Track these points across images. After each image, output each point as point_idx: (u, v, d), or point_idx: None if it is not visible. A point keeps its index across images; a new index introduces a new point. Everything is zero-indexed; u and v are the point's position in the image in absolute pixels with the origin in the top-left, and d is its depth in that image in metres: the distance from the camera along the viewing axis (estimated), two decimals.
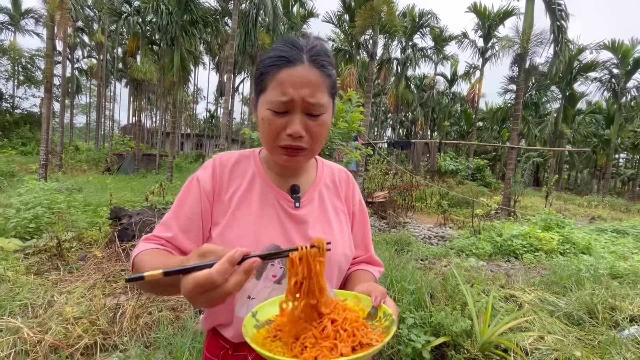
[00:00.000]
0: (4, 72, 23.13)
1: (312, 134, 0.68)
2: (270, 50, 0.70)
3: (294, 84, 0.64)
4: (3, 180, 9.02)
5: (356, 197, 0.89)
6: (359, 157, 4.43)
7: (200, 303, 0.47)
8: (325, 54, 0.69)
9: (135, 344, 2.30)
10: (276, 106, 0.65)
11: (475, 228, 6.46)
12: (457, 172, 18.14)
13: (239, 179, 0.78)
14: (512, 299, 3.39)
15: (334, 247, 0.76)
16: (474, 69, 21.90)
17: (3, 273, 2.99)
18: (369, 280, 0.81)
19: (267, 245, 0.71)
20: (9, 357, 2.09)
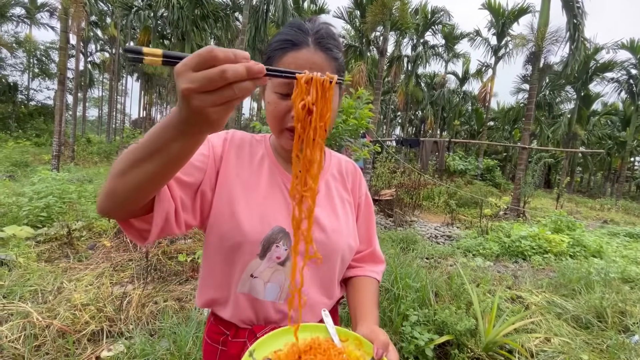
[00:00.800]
0: (20, 64, 23.61)
1: None
2: (277, 35, 0.70)
3: (299, 66, 0.64)
4: (17, 169, 9.24)
5: (362, 190, 0.88)
6: (368, 154, 4.39)
7: (190, 82, 0.37)
8: (331, 37, 0.68)
9: (140, 332, 2.33)
10: (281, 88, 0.65)
11: (483, 228, 6.38)
12: (466, 172, 17.92)
13: (248, 159, 0.77)
14: (519, 300, 3.34)
15: (339, 235, 0.76)
16: (486, 67, 21.55)
17: (15, 259, 3.07)
18: (373, 294, 0.81)
19: (273, 227, 0.70)
20: (18, 339, 2.14)
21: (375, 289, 0.83)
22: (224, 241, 0.71)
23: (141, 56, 0.38)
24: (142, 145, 0.48)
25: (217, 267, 0.74)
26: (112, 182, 0.51)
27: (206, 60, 0.37)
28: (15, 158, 10.52)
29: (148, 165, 0.48)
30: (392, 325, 2.39)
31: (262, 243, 0.70)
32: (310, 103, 0.48)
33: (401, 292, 2.54)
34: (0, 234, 3.54)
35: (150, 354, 2.05)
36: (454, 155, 19.33)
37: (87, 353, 2.13)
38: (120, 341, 2.23)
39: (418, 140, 9.26)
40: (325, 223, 0.75)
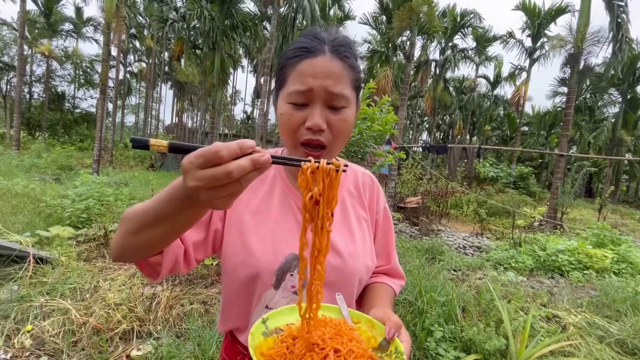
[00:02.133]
0: (67, 75, 25.61)
1: (333, 130, 0.64)
2: (292, 44, 0.69)
3: (315, 74, 0.62)
4: (62, 173, 9.98)
5: (380, 204, 0.84)
6: (393, 161, 4.33)
7: (197, 181, 0.39)
8: (348, 45, 0.66)
9: (167, 333, 2.42)
10: (295, 97, 0.63)
11: (516, 240, 6.06)
12: (497, 179, 17.14)
13: (259, 181, 0.73)
14: (555, 319, 3.13)
15: (356, 258, 0.72)
16: (519, 70, 20.61)
17: (58, 258, 3.29)
18: (388, 295, 0.78)
19: (286, 255, 0.68)
20: (58, 335, 2.29)
21: (390, 293, 0.79)
22: (237, 272, 0.69)
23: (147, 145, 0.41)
24: (150, 211, 0.50)
25: (234, 297, 0.73)
26: (123, 240, 0.55)
27: (212, 160, 0.38)
28: (61, 162, 11.38)
29: (156, 230, 0.51)
30: (416, 341, 2.31)
31: (276, 273, 0.68)
32: (317, 195, 0.48)
33: (425, 306, 2.46)
34: (46, 233, 3.82)
35: (176, 356, 2.11)
36: (485, 161, 18.57)
37: (118, 351, 2.24)
38: (148, 341, 2.32)
39: (446, 146, 8.99)
40: (340, 247, 0.72)
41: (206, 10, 13.12)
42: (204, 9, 13.06)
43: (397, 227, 7.56)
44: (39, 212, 4.61)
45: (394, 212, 8.29)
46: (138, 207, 0.53)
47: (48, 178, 8.53)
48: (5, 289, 2.63)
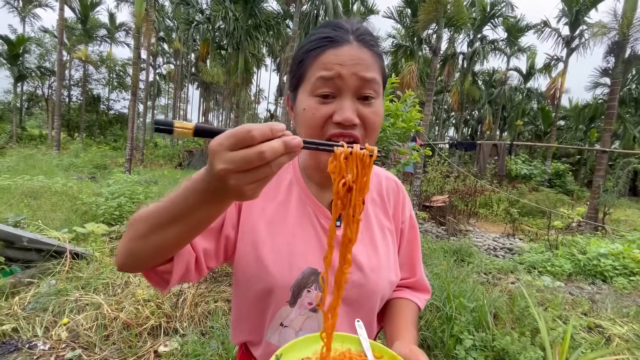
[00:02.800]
0: (102, 79, 27.05)
1: (367, 123, 0.58)
2: (308, 36, 0.62)
3: (342, 62, 0.56)
4: (97, 171, 10.55)
5: (406, 212, 0.77)
6: (418, 158, 4.17)
7: (227, 163, 0.36)
8: (371, 34, 0.61)
9: (192, 331, 2.46)
10: (320, 86, 0.56)
11: (552, 242, 5.70)
12: (530, 177, 16.25)
13: (274, 186, 0.68)
14: (598, 329, 2.89)
15: (379, 274, 0.67)
16: (555, 61, 19.39)
17: (92, 254, 3.45)
18: (412, 314, 0.71)
19: (303, 270, 0.63)
20: (92, 328, 2.39)
21: (414, 311, 0.73)
22: (250, 285, 0.64)
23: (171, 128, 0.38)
24: (164, 210, 0.46)
25: (246, 310, 0.69)
26: (131, 244, 0.51)
27: (244, 140, 0.36)
28: (97, 161, 12.03)
29: (171, 230, 0.47)
30: (444, 348, 2.21)
31: (292, 289, 0.63)
32: (350, 182, 0.46)
33: (454, 312, 2.34)
34: (82, 229, 4.02)
35: (200, 355, 2.14)
36: (517, 158, 17.67)
37: (147, 346, 2.30)
38: (174, 338, 2.37)
39: (474, 143, 8.61)
40: (362, 261, 0.66)
41: (230, 10, 13.35)
42: (228, 10, 13.30)
43: (422, 226, 7.35)
44: (75, 209, 4.87)
45: (419, 212, 8.06)
46: (148, 209, 0.49)
47: (84, 177, 9.04)
48: (44, 283, 2.79)
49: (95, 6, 21.10)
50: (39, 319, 2.39)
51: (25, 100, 25.99)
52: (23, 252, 3.13)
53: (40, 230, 3.74)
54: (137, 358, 2.19)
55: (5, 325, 2.29)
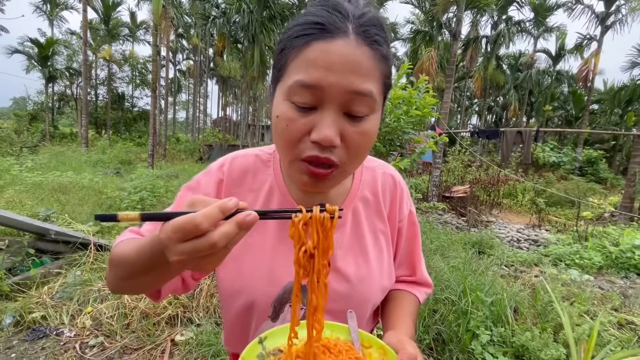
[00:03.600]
0: (126, 77, 27.99)
1: (350, 145, 0.48)
2: (298, 17, 0.49)
3: (329, 64, 0.43)
4: (122, 167, 10.99)
5: (404, 210, 0.71)
6: (434, 147, 4.02)
7: (179, 255, 0.36)
8: (380, 25, 0.48)
9: (207, 321, 2.52)
10: (297, 94, 0.45)
11: (581, 233, 5.40)
12: (559, 165, 15.43)
13: (252, 194, 0.62)
14: (630, 326, 2.72)
15: (369, 283, 0.63)
16: (588, 40, 18.13)
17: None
18: (410, 306, 0.67)
19: (284, 285, 0.59)
20: (113, 317, 2.50)
21: (412, 303, 0.69)
22: (232, 301, 0.62)
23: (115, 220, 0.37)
24: (134, 262, 0.46)
25: (231, 324, 0.67)
26: (115, 283, 0.52)
27: (192, 233, 0.35)
28: (122, 157, 12.54)
29: (145, 279, 0.47)
30: (459, 343, 2.14)
31: (274, 304, 0.60)
32: (311, 248, 0.43)
33: (470, 306, 2.26)
34: (107, 223, 4.19)
35: (214, 344, 2.19)
36: (544, 145, 16.82)
37: (164, 335, 2.38)
38: (190, 328, 2.44)
39: (497, 131, 8.24)
40: (350, 272, 0.61)
41: (244, 3, 13.34)
42: (242, 2, 13.30)
43: (442, 217, 7.17)
44: (100, 203, 5.09)
45: (438, 203, 7.86)
46: (123, 253, 0.48)
47: (110, 172, 9.44)
48: (70, 273, 2.93)
49: (117, 6, 21.72)
50: (66, 308, 2.53)
51: (56, 100, 27.36)
52: (52, 244, 3.30)
53: (68, 224, 3.93)
54: (155, 346, 2.27)
55: (35, 313, 2.44)
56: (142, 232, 0.61)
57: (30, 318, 2.40)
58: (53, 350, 2.17)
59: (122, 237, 0.58)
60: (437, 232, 4.97)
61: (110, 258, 0.52)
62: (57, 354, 2.15)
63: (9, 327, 2.35)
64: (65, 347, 2.23)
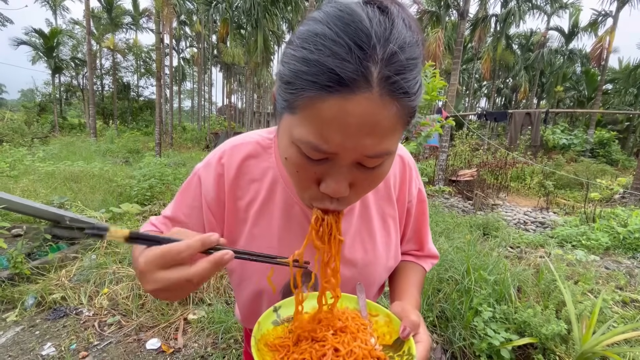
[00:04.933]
0: (130, 66, 27.93)
1: (359, 190, 0.46)
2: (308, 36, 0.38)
3: (346, 128, 0.37)
4: (130, 155, 11.14)
5: (413, 190, 0.71)
6: (440, 130, 3.99)
7: (153, 282, 0.38)
8: (411, 58, 0.37)
9: (218, 301, 2.62)
10: (309, 152, 0.41)
11: (589, 215, 5.36)
12: (569, 147, 15.14)
13: (255, 184, 0.61)
14: (634, 304, 2.75)
15: (375, 266, 0.65)
16: (603, 16, 17.41)
17: None
18: (416, 276, 0.71)
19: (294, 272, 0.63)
20: (129, 297, 2.61)
21: (418, 274, 0.72)
22: (241, 288, 0.66)
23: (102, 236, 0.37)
24: None
25: (242, 305, 0.71)
26: None
27: (173, 261, 0.38)
28: (130, 146, 12.68)
29: None
30: (462, 320, 2.20)
31: (282, 291, 0.62)
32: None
33: (473, 284, 2.30)
34: (118, 209, 4.31)
35: (225, 322, 2.28)
36: (555, 127, 16.45)
37: (177, 314, 2.49)
38: (202, 307, 2.54)
39: (505, 112, 8.09)
40: (356, 258, 0.63)
41: None
42: None
43: (448, 201, 7.16)
44: (111, 191, 5.21)
45: (444, 187, 7.84)
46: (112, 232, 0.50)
47: (119, 161, 9.59)
48: (86, 257, 3.05)
49: None
50: (83, 289, 2.65)
51: (63, 92, 27.56)
52: (68, 231, 3.42)
53: (82, 211, 4.05)
54: (169, 324, 2.38)
55: (55, 294, 2.56)
56: (158, 225, 0.64)
57: (50, 299, 2.52)
58: (74, 328, 2.29)
59: (143, 229, 0.61)
60: (443, 216, 4.99)
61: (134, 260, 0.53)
62: (78, 331, 2.28)
63: (31, 307, 2.48)
64: (85, 325, 2.35)
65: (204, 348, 2.17)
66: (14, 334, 2.24)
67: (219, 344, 2.19)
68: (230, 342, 2.17)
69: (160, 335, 2.29)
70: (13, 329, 2.29)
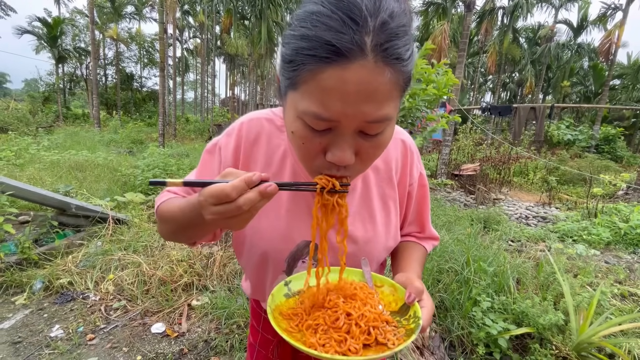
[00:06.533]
0: (133, 56, 27.83)
1: (365, 158, 0.49)
2: (305, 15, 0.41)
3: (346, 95, 0.40)
4: (134, 146, 11.19)
5: (415, 174, 0.73)
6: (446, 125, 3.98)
7: (213, 214, 0.43)
8: (402, 25, 0.41)
9: (221, 288, 2.67)
10: (312, 121, 0.44)
11: (591, 210, 5.36)
12: (574, 143, 15.01)
13: (266, 157, 0.65)
14: (633, 297, 2.77)
15: (374, 244, 0.68)
16: (613, 9, 17.09)
17: (132, 219, 3.76)
18: (418, 255, 0.73)
19: (297, 243, 0.65)
20: (134, 283, 2.67)
21: (420, 252, 0.74)
22: (249, 254, 0.69)
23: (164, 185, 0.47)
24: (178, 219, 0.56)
25: (249, 272, 0.74)
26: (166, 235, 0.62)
27: (222, 199, 0.42)
28: (133, 137, 12.72)
29: (189, 233, 0.57)
30: (461, 310, 2.23)
31: (287, 260, 0.65)
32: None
33: (473, 275, 2.33)
34: (122, 198, 4.36)
35: (228, 307, 2.33)
36: (560, 123, 16.30)
37: (181, 300, 2.54)
38: (205, 294, 2.59)
39: (510, 107, 8.02)
40: (358, 235, 0.66)
41: None
42: None
43: (450, 195, 7.17)
44: (116, 180, 5.25)
45: (447, 180, 7.84)
46: (170, 211, 0.58)
47: (123, 151, 9.64)
48: (92, 244, 3.11)
49: None
50: (90, 275, 2.70)
51: (67, 81, 27.56)
52: (74, 219, 3.48)
53: (87, 199, 4.10)
54: (173, 309, 2.44)
55: (62, 279, 2.62)
56: (178, 192, 0.69)
57: (58, 283, 2.58)
58: (81, 312, 2.35)
59: (163, 197, 0.66)
60: (445, 209, 5.01)
61: (160, 215, 0.62)
62: (85, 315, 2.33)
63: (39, 291, 2.54)
64: (92, 309, 2.41)
65: (207, 333, 2.23)
66: (23, 316, 2.30)
67: (222, 329, 2.24)
68: (233, 328, 2.22)
69: (165, 320, 2.35)
70: (22, 311, 2.35)
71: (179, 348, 2.09)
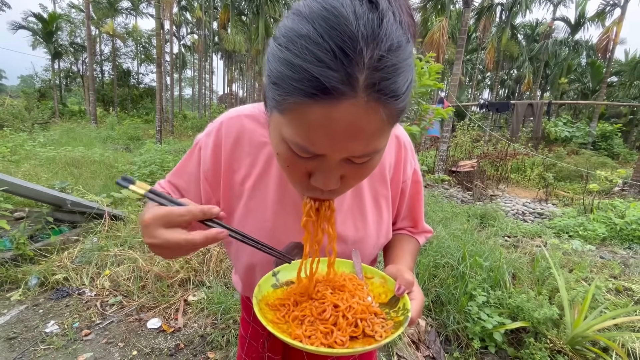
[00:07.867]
0: (130, 52, 27.60)
1: (350, 182, 0.47)
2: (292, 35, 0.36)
3: (332, 133, 0.37)
4: (131, 142, 11.14)
5: (408, 171, 0.71)
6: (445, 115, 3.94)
7: (152, 237, 0.42)
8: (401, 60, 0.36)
9: (217, 283, 2.67)
10: (298, 151, 0.41)
11: (587, 206, 5.38)
12: (571, 140, 15.05)
13: (251, 157, 0.62)
14: (627, 292, 2.79)
15: (366, 243, 0.66)
16: (611, 6, 17.07)
17: (128, 216, 3.74)
18: (410, 247, 0.72)
19: (286, 245, 0.63)
20: (130, 279, 2.66)
21: (413, 244, 0.73)
22: (236, 255, 0.68)
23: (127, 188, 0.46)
24: None
25: (239, 274, 0.73)
26: None
27: (175, 223, 0.42)
28: (130, 133, 12.66)
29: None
30: (457, 304, 2.24)
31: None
32: None
33: (469, 270, 2.34)
34: (119, 195, 4.33)
35: (224, 302, 2.33)
36: (557, 119, 16.32)
37: (177, 296, 2.54)
38: (201, 289, 2.59)
39: (508, 103, 8.03)
40: (348, 234, 0.64)
41: None
42: None
43: (447, 191, 7.19)
44: (112, 176, 5.23)
45: (444, 175, 7.85)
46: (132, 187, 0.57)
47: (120, 147, 9.60)
48: (88, 240, 3.09)
49: None
50: (85, 270, 2.69)
51: (63, 78, 27.33)
52: (69, 215, 3.46)
53: (83, 195, 4.08)
54: (169, 305, 2.43)
55: (58, 275, 2.61)
56: (165, 187, 0.69)
57: (53, 279, 2.57)
58: (77, 308, 2.34)
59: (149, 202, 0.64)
60: (442, 205, 5.02)
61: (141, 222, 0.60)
62: (81, 310, 2.33)
63: (34, 287, 2.53)
64: (87, 305, 2.40)
65: (203, 328, 2.23)
66: (18, 312, 2.29)
67: (218, 324, 2.24)
68: (229, 323, 2.22)
69: (161, 315, 2.34)
70: (17, 307, 2.34)
71: (175, 343, 2.09)
